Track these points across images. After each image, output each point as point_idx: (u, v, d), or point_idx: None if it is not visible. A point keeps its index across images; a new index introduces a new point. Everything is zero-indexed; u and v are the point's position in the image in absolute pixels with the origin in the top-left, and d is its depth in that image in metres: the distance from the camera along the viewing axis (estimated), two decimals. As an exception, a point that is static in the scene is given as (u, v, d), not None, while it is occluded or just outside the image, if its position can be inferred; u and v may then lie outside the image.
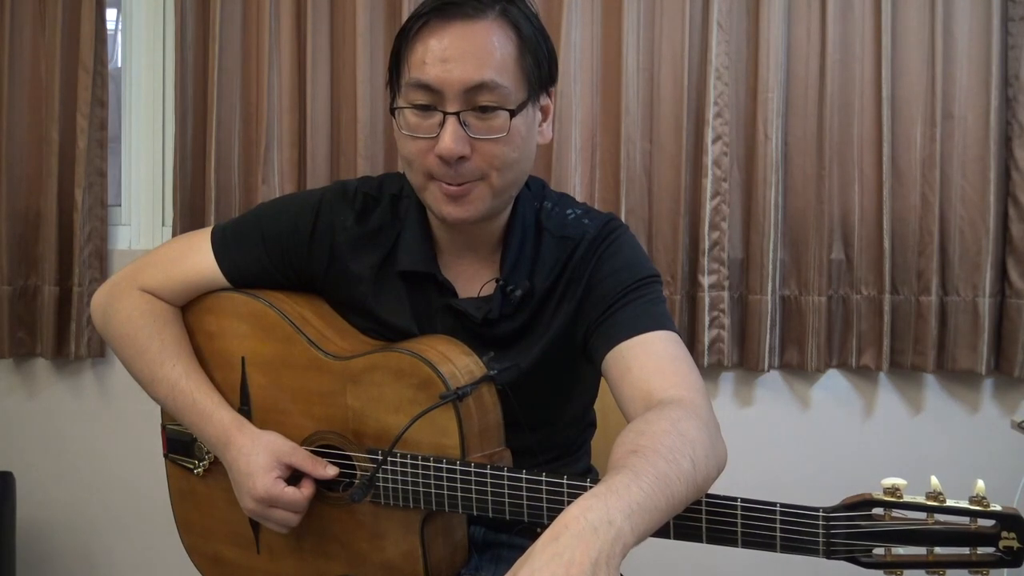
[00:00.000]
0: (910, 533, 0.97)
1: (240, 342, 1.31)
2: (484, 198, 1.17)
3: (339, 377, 1.22)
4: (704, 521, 1.00)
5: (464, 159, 1.13)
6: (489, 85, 1.12)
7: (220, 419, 1.26)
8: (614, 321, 1.17)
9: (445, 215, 1.17)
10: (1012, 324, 2.18)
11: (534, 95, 1.18)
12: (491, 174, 1.15)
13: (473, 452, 1.15)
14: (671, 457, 0.92)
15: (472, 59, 1.11)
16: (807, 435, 2.33)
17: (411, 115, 1.15)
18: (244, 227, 1.33)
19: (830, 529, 0.98)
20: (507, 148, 1.15)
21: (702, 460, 0.96)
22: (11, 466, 2.28)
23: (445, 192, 1.15)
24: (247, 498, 1.22)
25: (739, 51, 2.25)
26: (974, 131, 2.18)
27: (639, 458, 0.91)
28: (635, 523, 0.84)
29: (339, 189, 1.31)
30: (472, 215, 1.17)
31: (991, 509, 0.96)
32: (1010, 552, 0.96)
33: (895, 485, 0.98)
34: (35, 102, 2.36)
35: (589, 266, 1.22)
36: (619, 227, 1.26)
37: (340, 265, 1.29)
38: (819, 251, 2.21)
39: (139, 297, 1.33)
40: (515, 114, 1.14)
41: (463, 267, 1.27)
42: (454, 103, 1.12)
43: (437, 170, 1.14)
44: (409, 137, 1.15)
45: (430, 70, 1.12)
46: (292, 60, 2.30)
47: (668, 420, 1.00)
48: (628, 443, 0.95)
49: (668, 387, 1.08)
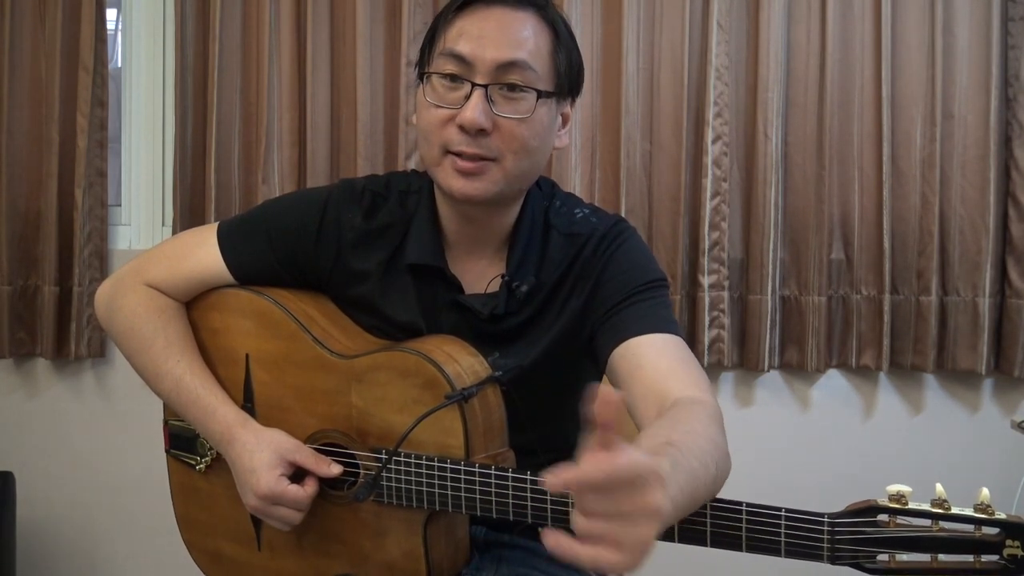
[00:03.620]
0: (914, 540, 0.97)
1: (244, 339, 1.30)
2: (496, 180, 1.17)
3: (344, 376, 1.22)
4: (709, 525, 1.00)
5: (484, 133, 1.14)
6: (520, 64, 1.14)
7: (224, 415, 1.26)
8: (622, 318, 1.17)
9: (455, 190, 1.17)
10: (1012, 324, 2.18)
11: (561, 94, 1.20)
12: (507, 156, 1.16)
13: (477, 452, 1.15)
14: (702, 460, 0.92)
15: (507, 40, 1.14)
16: (807, 435, 2.33)
17: (438, 83, 1.16)
18: (250, 223, 1.32)
19: (835, 535, 0.98)
20: (528, 132, 1.16)
21: (723, 467, 0.97)
22: (11, 466, 2.28)
23: (458, 167, 1.15)
24: (250, 495, 1.22)
25: (739, 51, 2.25)
26: (974, 131, 2.19)
27: (677, 451, 0.89)
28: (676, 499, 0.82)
29: (346, 186, 1.31)
30: (481, 194, 1.17)
31: (996, 517, 0.96)
32: (1014, 560, 0.96)
33: (900, 492, 0.98)
34: (35, 102, 2.35)
35: (599, 263, 1.22)
36: (628, 228, 1.27)
37: (346, 262, 1.28)
38: (819, 251, 2.21)
39: (144, 292, 1.33)
40: (541, 96, 1.16)
41: (471, 263, 1.27)
42: (483, 76, 1.14)
43: (455, 140, 1.14)
44: (432, 105, 1.16)
45: (465, 43, 1.14)
46: (292, 60, 2.30)
47: (700, 422, 0.99)
48: (662, 432, 0.93)
49: (685, 388, 1.07)
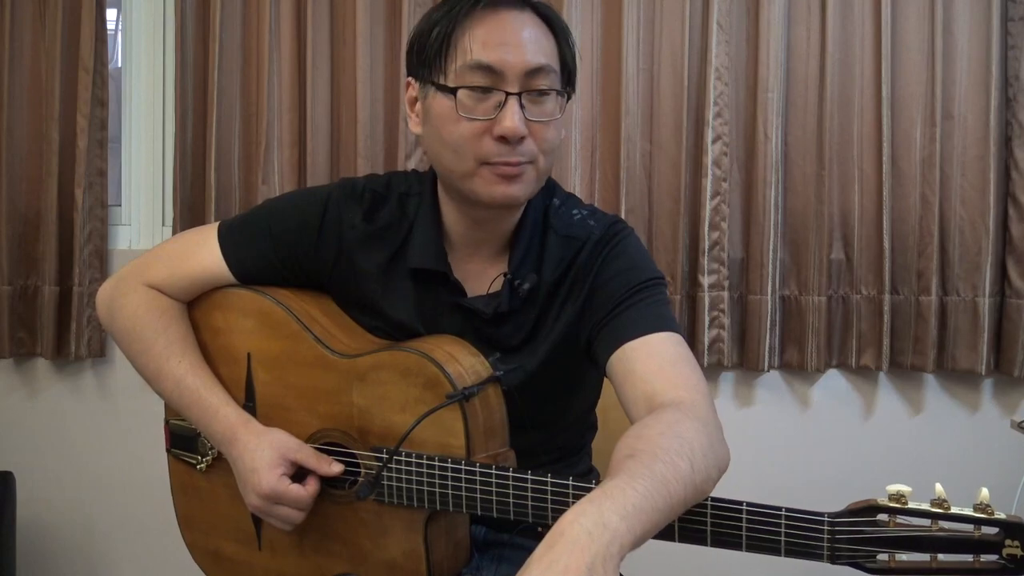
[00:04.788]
0: (914, 540, 0.97)
1: (246, 338, 1.31)
2: (531, 180, 1.19)
3: (345, 375, 1.22)
4: (709, 524, 1.00)
5: (522, 140, 1.15)
6: (545, 69, 1.16)
7: (226, 415, 1.26)
8: (618, 323, 1.17)
9: (496, 196, 1.17)
10: (1012, 324, 2.18)
11: (566, 89, 1.22)
12: (540, 158, 1.18)
13: (478, 452, 1.15)
14: (667, 459, 0.93)
15: (529, 43, 1.15)
16: (807, 435, 2.33)
17: (466, 97, 1.15)
18: (251, 223, 1.32)
19: (835, 535, 0.98)
20: (554, 132, 1.19)
21: (700, 461, 0.96)
22: (11, 466, 2.28)
23: (501, 173, 1.16)
24: (251, 495, 1.22)
25: (739, 51, 2.25)
26: (974, 131, 2.19)
27: (635, 461, 0.92)
28: (632, 524, 0.84)
29: (347, 186, 1.31)
30: (521, 194, 1.19)
31: (995, 517, 0.96)
32: (1014, 560, 0.96)
33: (900, 492, 0.98)
34: (35, 102, 2.35)
35: (594, 268, 1.23)
36: (624, 229, 1.27)
37: (347, 262, 1.28)
38: (819, 251, 2.21)
39: (145, 292, 1.33)
40: (560, 96, 1.18)
41: (472, 265, 1.27)
42: (514, 84, 1.14)
43: (494, 152, 1.15)
44: (464, 119, 1.15)
45: (491, 52, 1.14)
46: (292, 60, 2.29)
47: (665, 423, 1.00)
48: (625, 448, 0.96)
49: (670, 388, 1.08)
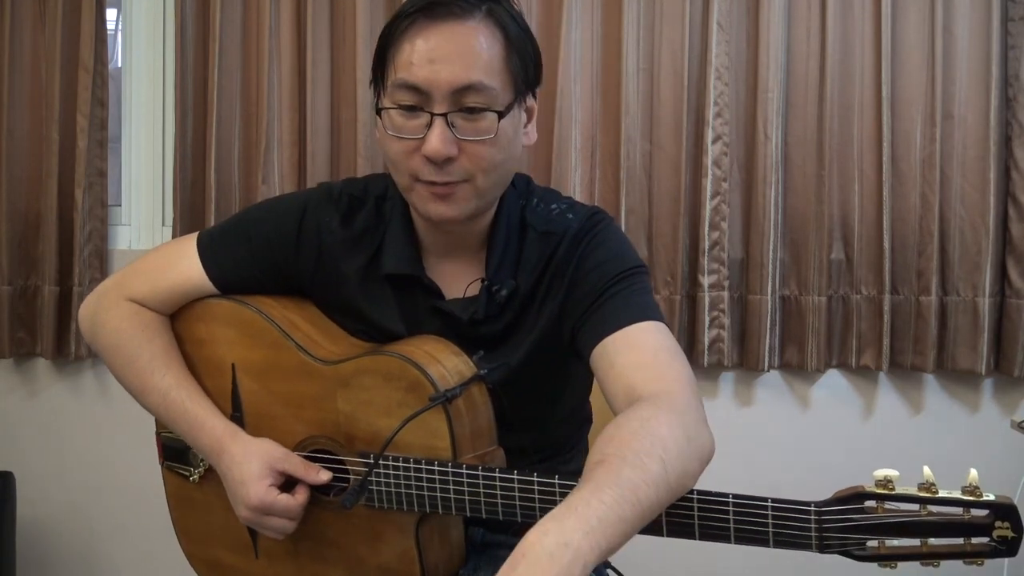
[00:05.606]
0: (903, 525, 0.97)
1: (229, 349, 1.30)
2: (469, 198, 1.16)
3: (329, 382, 1.22)
4: (696, 518, 1.00)
5: (451, 160, 1.12)
6: (477, 86, 1.10)
7: (212, 428, 1.26)
8: (599, 316, 1.16)
9: (431, 214, 1.16)
10: (1012, 324, 2.17)
11: (520, 96, 1.17)
12: (477, 175, 1.14)
13: (464, 453, 1.15)
14: (637, 462, 0.91)
15: (460, 60, 1.10)
16: (807, 435, 2.33)
17: (397, 116, 1.13)
18: (230, 232, 1.32)
19: (822, 523, 0.97)
20: (494, 150, 1.13)
21: (674, 459, 0.94)
22: (11, 466, 2.28)
23: (432, 192, 1.14)
24: (241, 507, 1.22)
25: (739, 51, 2.25)
26: (974, 131, 2.18)
27: (603, 469, 0.90)
28: (596, 539, 0.84)
29: (324, 191, 1.30)
30: (457, 214, 1.16)
31: (984, 499, 0.95)
32: (1004, 541, 0.95)
33: (887, 477, 0.97)
34: (35, 102, 2.36)
35: (572, 262, 1.21)
36: (603, 220, 1.24)
37: (328, 267, 1.28)
38: (819, 251, 2.21)
39: (126, 307, 1.32)
40: (503, 116, 1.13)
41: (448, 268, 1.26)
42: (442, 104, 1.10)
43: (423, 171, 1.13)
44: (395, 138, 1.14)
45: (417, 71, 1.10)
46: (292, 60, 2.30)
47: (638, 420, 0.98)
48: (596, 452, 0.94)
49: (649, 381, 1.06)
